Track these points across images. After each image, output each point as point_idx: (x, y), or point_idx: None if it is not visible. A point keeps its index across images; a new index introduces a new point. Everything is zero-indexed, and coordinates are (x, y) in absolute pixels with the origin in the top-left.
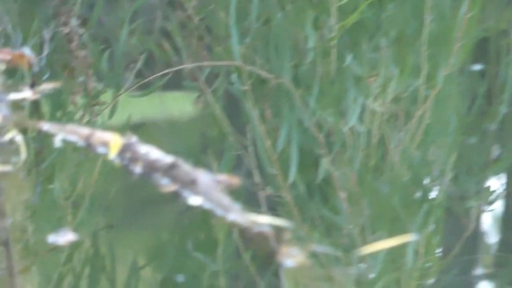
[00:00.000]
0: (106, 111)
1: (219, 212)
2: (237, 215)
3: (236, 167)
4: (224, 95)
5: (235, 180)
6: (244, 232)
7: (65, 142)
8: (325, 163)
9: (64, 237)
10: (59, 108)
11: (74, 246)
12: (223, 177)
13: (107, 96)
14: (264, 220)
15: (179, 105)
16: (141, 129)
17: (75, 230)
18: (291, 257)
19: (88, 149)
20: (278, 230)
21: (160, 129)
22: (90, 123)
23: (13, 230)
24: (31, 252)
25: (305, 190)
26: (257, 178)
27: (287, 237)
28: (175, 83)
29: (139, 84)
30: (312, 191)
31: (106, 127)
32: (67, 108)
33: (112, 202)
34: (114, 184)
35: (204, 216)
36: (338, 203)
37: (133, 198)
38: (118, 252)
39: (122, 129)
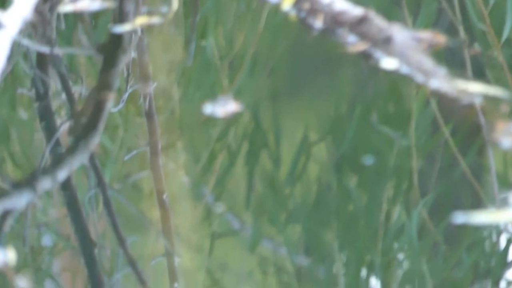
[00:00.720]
0: None
1: (418, 77)
2: (442, 81)
3: (436, 22)
4: None
5: (440, 38)
6: (448, 102)
7: None
8: None
9: (224, 107)
10: None
11: (230, 118)
12: (425, 34)
13: None
14: (474, 88)
15: None
16: None
17: (233, 98)
18: (508, 135)
19: None
20: (490, 100)
21: None
22: None
23: (157, 97)
24: (178, 124)
25: None
26: (462, 35)
27: (503, 109)
28: None
29: None
30: None
31: None
32: None
33: (279, 64)
34: (282, 41)
35: (395, 81)
36: None
37: (306, 59)
38: (284, 126)
39: None
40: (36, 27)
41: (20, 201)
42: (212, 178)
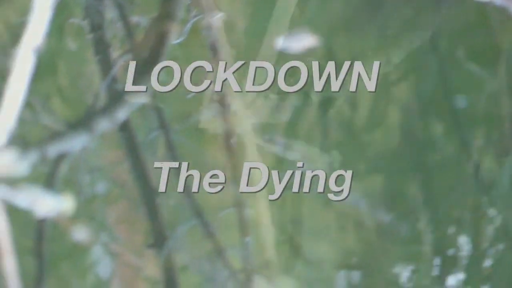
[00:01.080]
0: None
1: None
2: None
3: None
4: None
5: None
6: None
7: None
8: None
9: (300, 42)
10: None
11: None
12: None
13: None
14: None
15: None
16: None
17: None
18: None
19: None
20: None
21: None
22: None
23: (222, 29)
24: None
25: None
26: None
27: None
28: None
29: None
30: None
31: None
32: None
33: None
34: None
35: (485, 13)
36: None
37: None
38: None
39: None
40: None
41: (75, 143)
42: (283, 121)
